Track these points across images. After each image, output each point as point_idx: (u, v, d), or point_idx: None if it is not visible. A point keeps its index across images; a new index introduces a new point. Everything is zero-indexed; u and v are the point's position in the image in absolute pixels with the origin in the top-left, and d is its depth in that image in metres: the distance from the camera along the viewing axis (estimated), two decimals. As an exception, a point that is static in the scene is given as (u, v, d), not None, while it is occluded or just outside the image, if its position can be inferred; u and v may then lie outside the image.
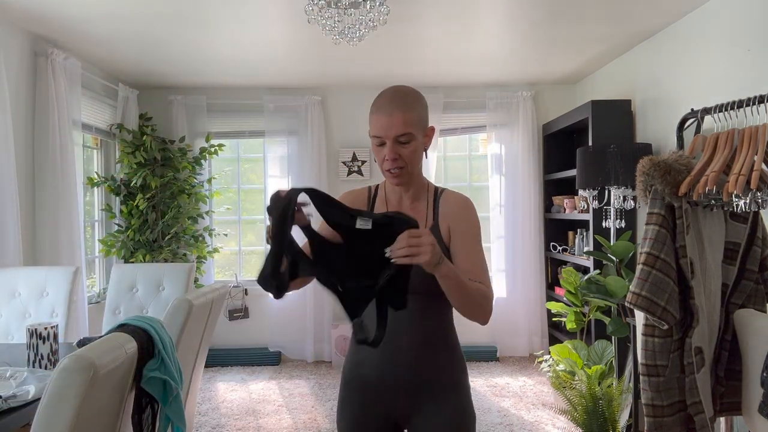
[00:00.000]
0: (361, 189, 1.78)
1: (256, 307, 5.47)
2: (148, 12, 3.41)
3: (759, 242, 1.98)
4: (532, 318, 5.35)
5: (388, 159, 1.56)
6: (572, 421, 3.41)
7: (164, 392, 1.70)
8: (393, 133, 1.54)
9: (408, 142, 1.57)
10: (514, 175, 5.38)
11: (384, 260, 1.31)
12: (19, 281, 3.02)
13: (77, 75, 4.02)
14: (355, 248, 1.37)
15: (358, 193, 1.75)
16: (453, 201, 1.66)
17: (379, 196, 1.73)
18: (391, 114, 1.55)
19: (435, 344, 1.61)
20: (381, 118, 1.55)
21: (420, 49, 4.24)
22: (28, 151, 3.69)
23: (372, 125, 1.58)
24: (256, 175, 5.70)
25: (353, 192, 1.76)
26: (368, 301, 1.37)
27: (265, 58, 4.41)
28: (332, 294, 1.39)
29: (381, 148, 1.57)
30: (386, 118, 1.55)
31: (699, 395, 1.87)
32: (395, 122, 1.54)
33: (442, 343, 1.63)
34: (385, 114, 1.55)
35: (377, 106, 1.58)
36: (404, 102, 1.59)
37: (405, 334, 1.58)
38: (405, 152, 1.57)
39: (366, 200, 1.74)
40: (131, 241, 4.75)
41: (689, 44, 3.54)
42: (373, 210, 1.69)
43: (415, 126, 1.58)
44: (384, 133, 1.55)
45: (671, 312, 1.84)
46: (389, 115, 1.55)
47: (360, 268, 1.36)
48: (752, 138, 1.87)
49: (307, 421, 3.88)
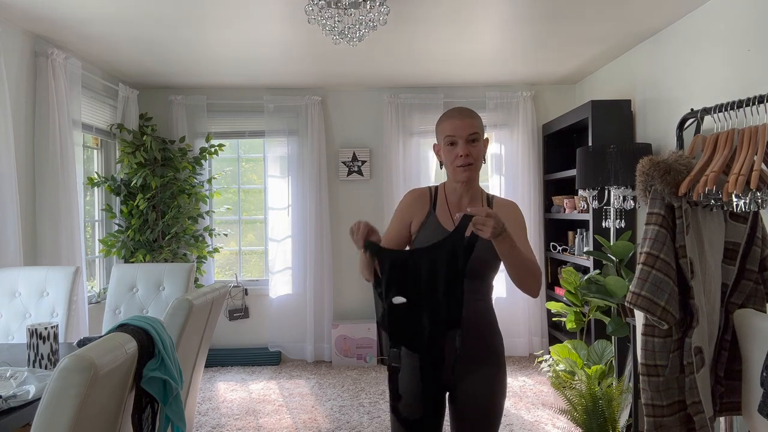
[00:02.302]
0: (423, 189, 2.02)
1: (256, 307, 5.47)
2: (149, 12, 3.41)
3: (759, 242, 1.98)
4: (532, 318, 5.35)
5: (462, 155, 1.84)
6: (572, 421, 3.41)
7: (164, 392, 1.70)
8: (466, 133, 1.84)
9: (476, 141, 1.87)
10: (514, 175, 5.38)
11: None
12: (19, 281, 3.02)
13: (77, 75, 4.03)
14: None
15: (422, 192, 2.00)
16: (504, 203, 1.96)
17: (439, 197, 1.99)
18: (463, 118, 1.87)
19: (481, 322, 1.87)
20: (455, 121, 1.86)
21: (420, 49, 4.24)
22: (28, 151, 3.69)
23: (445, 129, 1.88)
24: (256, 175, 5.71)
25: (417, 190, 2.00)
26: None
27: (265, 58, 4.42)
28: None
29: (453, 147, 1.87)
30: (460, 121, 1.86)
31: (699, 395, 1.87)
32: (467, 124, 1.85)
33: (487, 321, 1.89)
34: (459, 118, 1.86)
35: (449, 115, 1.89)
36: (471, 113, 1.90)
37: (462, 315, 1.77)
38: (474, 150, 1.86)
39: (428, 197, 1.99)
40: (131, 241, 4.75)
41: (689, 44, 3.54)
42: (435, 204, 1.96)
43: (480, 130, 1.88)
44: (458, 133, 1.85)
45: (671, 312, 1.84)
46: (462, 119, 1.86)
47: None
48: (752, 138, 1.87)
49: (307, 421, 3.88)
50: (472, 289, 1.83)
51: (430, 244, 1.75)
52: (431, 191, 2.00)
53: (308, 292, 5.34)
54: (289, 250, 5.39)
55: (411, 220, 1.97)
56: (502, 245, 1.67)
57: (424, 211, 1.97)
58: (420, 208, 1.97)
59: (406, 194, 2.04)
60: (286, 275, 5.41)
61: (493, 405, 1.85)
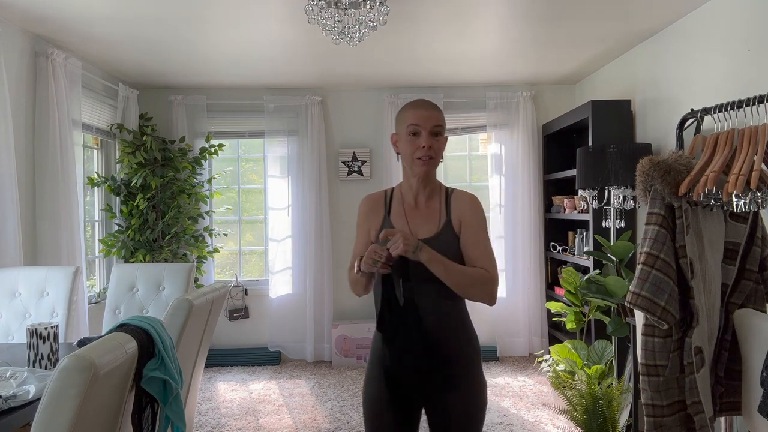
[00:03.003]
0: (378, 193, 1.96)
1: (256, 307, 5.47)
2: (149, 12, 3.41)
3: (759, 242, 1.98)
4: (532, 318, 5.35)
5: (424, 146, 1.77)
6: (572, 421, 3.41)
7: (164, 392, 1.70)
8: (431, 124, 1.78)
9: (439, 135, 1.80)
10: (514, 175, 5.38)
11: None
12: (19, 281, 3.02)
13: (77, 75, 4.03)
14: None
15: (377, 198, 1.94)
16: (463, 198, 1.86)
17: (395, 197, 1.92)
18: (429, 109, 1.80)
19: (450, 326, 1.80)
20: (421, 111, 1.79)
21: (420, 49, 4.24)
22: (28, 151, 3.69)
23: (408, 117, 1.80)
24: (256, 175, 5.71)
25: (372, 197, 1.95)
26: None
27: (265, 58, 4.42)
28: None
29: (415, 137, 1.79)
30: (425, 111, 1.79)
31: (699, 395, 1.87)
32: (433, 116, 1.79)
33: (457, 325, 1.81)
34: (424, 108, 1.80)
35: (414, 105, 1.82)
36: (436, 106, 1.84)
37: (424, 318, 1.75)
38: (436, 144, 1.80)
39: (383, 203, 1.92)
40: (131, 241, 4.75)
41: (689, 44, 3.54)
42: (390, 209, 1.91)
43: (444, 125, 1.83)
44: (423, 123, 1.77)
45: (671, 312, 1.84)
46: (428, 110, 1.79)
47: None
48: (752, 138, 1.87)
49: (307, 421, 3.88)
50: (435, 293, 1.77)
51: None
52: (386, 195, 1.93)
53: (308, 292, 5.34)
54: (289, 250, 5.39)
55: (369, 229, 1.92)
56: (427, 262, 1.68)
57: (380, 217, 1.91)
58: (375, 214, 1.92)
59: (361, 202, 1.97)
60: (286, 275, 5.41)
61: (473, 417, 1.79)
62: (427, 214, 1.85)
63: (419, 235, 1.82)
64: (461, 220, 1.81)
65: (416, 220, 1.85)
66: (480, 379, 1.83)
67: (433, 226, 1.83)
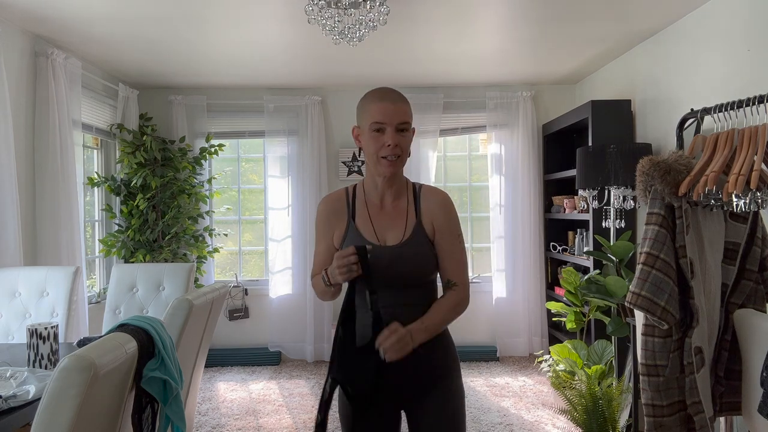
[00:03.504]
0: (338, 193, 1.78)
1: (256, 307, 5.47)
2: (149, 12, 3.41)
3: (759, 242, 1.98)
4: (532, 318, 5.35)
5: (390, 144, 1.61)
6: (572, 421, 3.41)
7: (164, 392, 1.70)
8: (396, 120, 1.60)
9: (405, 131, 1.64)
10: (514, 175, 5.38)
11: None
12: (19, 281, 3.02)
13: (77, 75, 4.03)
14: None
15: (337, 199, 1.76)
16: (433, 198, 1.72)
17: (358, 198, 1.75)
18: (395, 102, 1.61)
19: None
20: (386, 105, 1.60)
21: (420, 49, 4.24)
22: (28, 151, 3.69)
23: (371, 113, 1.62)
24: (256, 175, 5.71)
25: (331, 198, 1.77)
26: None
27: (265, 58, 4.42)
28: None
29: (379, 134, 1.62)
30: (391, 105, 1.60)
31: (699, 395, 1.87)
32: (399, 110, 1.61)
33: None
34: (390, 101, 1.61)
35: (379, 96, 1.63)
36: (402, 97, 1.66)
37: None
38: (403, 141, 1.63)
39: (345, 203, 1.75)
40: (131, 241, 4.75)
41: (689, 44, 3.54)
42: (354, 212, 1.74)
43: (410, 118, 1.66)
44: (388, 120, 1.60)
45: (671, 312, 1.84)
46: (393, 103, 1.61)
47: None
48: (752, 138, 1.87)
49: (307, 421, 3.88)
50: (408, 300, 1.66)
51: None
52: (348, 195, 1.75)
53: (308, 292, 5.34)
54: (289, 250, 5.39)
55: (333, 234, 1.75)
56: (422, 340, 1.59)
57: (343, 221, 1.74)
58: (338, 218, 1.74)
59: (320, 204, 1.78)
60: (286, 275, 5.41)
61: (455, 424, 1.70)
62: (394, 216, 1.71)
63: (387, 241, 1.69)
64: (434, 224, 1.69)
65: (383, 223, 1.70)
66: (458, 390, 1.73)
67: (400, 230, 1.69)
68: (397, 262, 1.66)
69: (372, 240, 1.69)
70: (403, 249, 1.67)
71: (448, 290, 1.71)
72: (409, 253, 1.66)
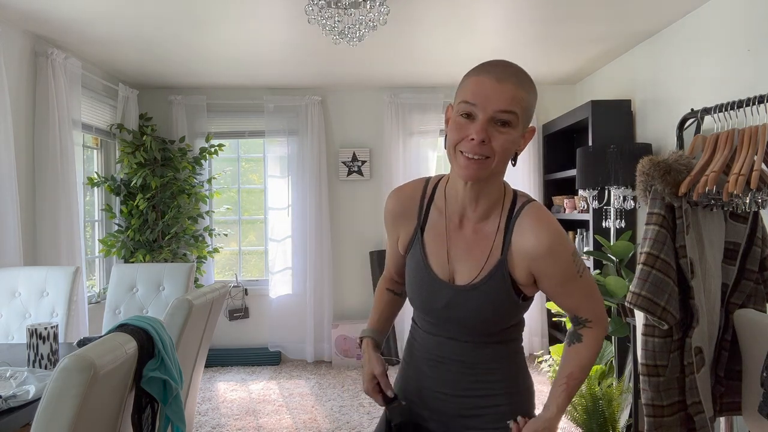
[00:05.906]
0: (412, 187, 1.34)
1: (256, 307, 5.47)
2: (149, 12, 3.41)
3: (759, 242, 1.98)
4: (532, 318, 5.35)
5: (474, 139, 1.13)
6: (572, 421, 3.41)
7: (164, 392, 1.70)
8: (495, 105, 1.12)
9: (506, 125, 1.14)
10: (514, 175, 5.37)
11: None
12: (19, 281, 3.02)
13: (77, 75, 4.03)
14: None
15: (409, 196, 1.34)
16: (532, 238, 1.23)
17: (435, 201, 1.30)
18: (500, 80, 1.12)
19: (494, 394, 1.34)
20: (486, 81, 1.12)
21: (420, 49, 4.24)
22: (28, 151, 3.69)
23: (464, 88, 1.15)
24: (256, 175, 5.71)
25: (402, 194, 1.35)
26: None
27: (265, 58, 4.42)
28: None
29: (467, 121, 1.14)
30: (492, 82, 1.12)
31: (699, 395, 1.87)
32: (503, 92, 1.12)
33: (511, 375, 1.37)
34: (494, 77, 1.13)
35: (485, 69, 1.15)
36: (519, 77, 1.15)
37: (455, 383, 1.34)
38: (498, 139, 1.14)
39: (417, 204, 1.33)
40: (131, 241, 4.75)
41: (689, 44, 3.54)
42: (426, 220, 1.31)
43: (522, 110, 1.15)
44: (480, 101, 1.12)
45: (671, 312, 1.84)
46: (498, 81, 1.12)
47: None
48: (752, 138, 1.87)
49: (307, 421, 3.88)
50: (470, 358, 1.32)
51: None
52: (424, 194, 1.32)
53: (308, 292, 5.34)
54: (289, 250, 5.39)
55: (398, 236, 1.37)
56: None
57: (411, 226, 1.33)
58: (406, 220, 1.34)
59: (389, 198, 1.37)
60: (286, 275, 5.41)
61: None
62: (473, 243, 1.27)
63: (456, 276, 1.28)
64: (531, 268, 1.25)
65: (458, 251, 1.28)
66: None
67: (477, 267, 1.26)
68: (457, 307, 1.27)
69: (438, 271, 1.29)
70: (471, 293, 1.26)
71: (579, 331, 1.34)
72: (477, 297, 1.26)
